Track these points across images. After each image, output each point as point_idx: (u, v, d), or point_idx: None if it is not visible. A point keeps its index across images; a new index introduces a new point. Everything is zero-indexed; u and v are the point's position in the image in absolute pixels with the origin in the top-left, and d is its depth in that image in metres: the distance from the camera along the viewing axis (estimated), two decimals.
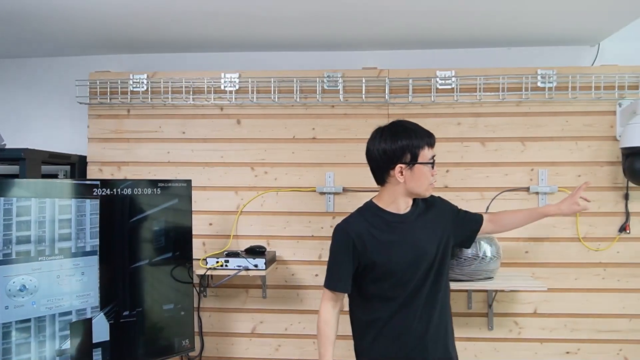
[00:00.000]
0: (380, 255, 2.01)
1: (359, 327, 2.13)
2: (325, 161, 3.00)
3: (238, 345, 3.02)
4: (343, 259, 2.05)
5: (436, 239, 2.07)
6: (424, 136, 2.00)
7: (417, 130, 2.01)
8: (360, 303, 2.11)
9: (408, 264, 2.01)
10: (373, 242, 2.02)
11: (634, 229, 2.87)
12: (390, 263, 2.00)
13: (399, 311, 2.03)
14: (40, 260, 2.20)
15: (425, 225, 2.08)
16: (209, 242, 3.03)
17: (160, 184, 2.59)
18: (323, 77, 2.97)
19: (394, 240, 2.02)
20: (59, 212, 2.25)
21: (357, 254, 2.02)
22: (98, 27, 2.80)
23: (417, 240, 2.04)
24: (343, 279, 2.05)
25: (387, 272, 2.02)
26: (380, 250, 2.01)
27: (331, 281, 2.08)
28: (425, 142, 1.99)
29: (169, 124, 3.08)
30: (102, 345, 2.35)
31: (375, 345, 2.07)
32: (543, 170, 2.90)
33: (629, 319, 2.87)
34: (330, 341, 2.05)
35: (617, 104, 2.87)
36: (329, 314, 2.07)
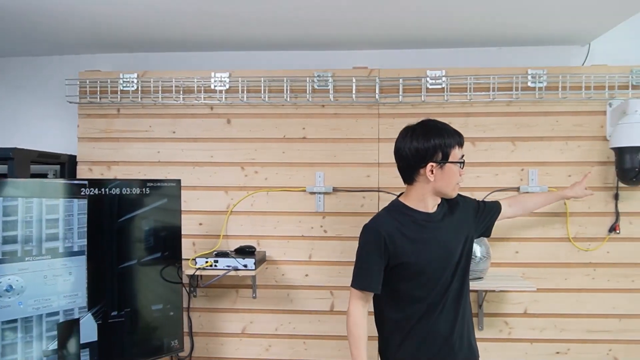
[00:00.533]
0: (411, 254, 2.00)
1: (386, 327, 2.12)
2: (315, 161, 3.00)
3: (228, 345, 3.01)
4: (374, 258, 2.02)
5: (462, 238, 2.10)
6: (455, 135, 2.01)
7: (448, 130, 2.02)
8: (388, 303, 2.10)
9: (438, 262, 2.02)
10: (404, 241, 2.01)
11: (624, 229, 2.87)
12: (420, 262, 2.00)
13: (427, 311, 2.03)
14: (27, 261, 2.19)
15: (451, 225, 2.10)
16: (198, 242, 3.02)
17: (149, 183, 2.58)
18: (313, 77, 2.96)
19: (424, 239, 2.03)
20: (46, 212, 2.25)
21: (387, 252, 2.01)
22: (88, 26, 2.79)
23: (446, 239, 2.06)
24: (374, 278, 2.02)
25: (418, 271, 2.01)
26: (411, 249, 2.01)
27: (362, 280, 2.05)
28: (456, 141, 2.00)
29: (159, 123, 3.07)
30: (90, 345, 2.34)
31: (402, 347, 2.06)
32: (533, 170, 2.90)
33: (618, 319, 2.87)
34: (363, 343, 2.02)
35: (607, 103, 2.87)
36: (359, 315, 2.04)
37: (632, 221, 2.87)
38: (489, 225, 2.34)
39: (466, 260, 2.11)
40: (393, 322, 2.09)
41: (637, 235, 2.87)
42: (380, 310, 2.13)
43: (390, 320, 2.10)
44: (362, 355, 2.00)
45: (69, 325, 2.28)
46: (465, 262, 2.10)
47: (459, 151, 2.00)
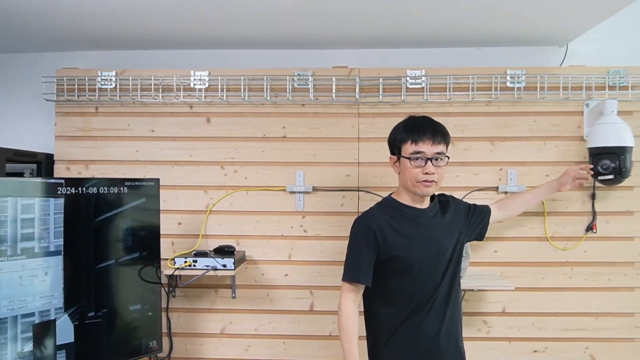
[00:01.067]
0: (401, 248, 2.03)
1: (375, 325, 2.13)
2: (295, 160, 2.99)
3: (207, 345, 2.99)
4: (364, 251, 2.05)
5: (454, 239, 2.12)
6: (413, 132, 2.03)
7: (412, 125, 2.07)
8: (377, 300, 2.11)
9: (427, 259, 2.04)
10: (394, 235, 2.04)
11: (600, 228, 2.90)
12: (410, 257, 2.03)
13: (415, 310, 2.04)
14: (2, 261, 2.14)
15: (443, 224, 2.13)
16: (177, 241, 2.99)
17: (127, 182, 2.55)
18: (293, 76, 2.95)
19: (414, 234, 2.05)
20: (22, 211, 2.21)
21: (377, 246, 2.03)
22: (65, 23, 2.76)
23: (437, 236, 2.08)
24: (364, 271, 2.05)
25: (407, 266, 2.03)
26: (401, 243, 2.03)
27: (352, 273, 2.07)
28: (410, 136, 2.03)
29: (138, 122, 3.04)
30: (67, 347, 2.31)
31: (389, 344, 2.07)
32: (512, 169, 2.92)
33: (595, 317, 2.90)
34: (354, 336, 2.03)
35: (584, 104, 2.90)
36: (350, 309, 2.05)
37: (609, 220, 2.90)
38: (481, 228, 2.36)
39: (457, 261, 2.13)
40: (382, 319, 2.11)
41: (614, 235, 2.90)
42: (370, 307, 2.15)
43: (379, 317, 2.11)
44: (353, 349, 2.01)
45: (44, 326, 2.25)
46: (455, 262, 2.12)
47: (411, 146, 2.02)
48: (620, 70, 2.87)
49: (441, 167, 2.06)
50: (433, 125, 2.07)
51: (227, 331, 2.99)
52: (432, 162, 2.02)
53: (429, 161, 2.01)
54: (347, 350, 2.02)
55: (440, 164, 2.05)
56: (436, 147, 2.03)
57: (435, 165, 2.03)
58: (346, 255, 2.11)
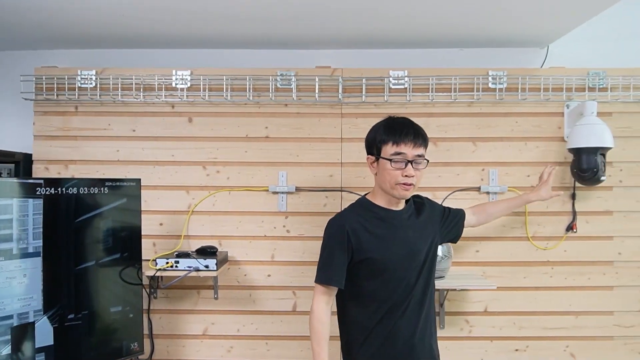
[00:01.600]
0: (375, 250, 2.02)
1: (348, 327, 2.12)
2: (278, 160, 2.98)
3: (189, 347, 2.97)
4: (337, 252, 2.03)
5: (428, 240, 2.12)
6: (394, 133, 2.02)
7: (393, 126, 2.05)
8: (350, 302, 2.10)
9: (401, 261, 2.03)
10: (367, 236, 2.03)
11: (580, 228, 2.93)
12: (384, 258, 2.02)
13: (389, 312, 2.03)
14: None
15: (417, 225, 2.12)
16: (159, 242, 2.96)
17: (108, 183, 2.53)
18: (276, 76, 2.94)
19: (388, 235, 2.04)
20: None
21: (351, 247, 2.02)
22: (44, 21, 2.72)
23: (411, 238, 2.07)
24: (337, 273, 2.03)
25: (381, 268, 2.02)
26: (374, 244, 2.02)
27: (325, 275, 2.05)
28: (392, 138, 2.01)
29: (119, 121, 3.00)
30: (46, 350, 2.28)
31: (364, 347, 2.06)
32: (493, 170, 2.94)
33: (575, 316, 2.94)
34: (325, 340, 2.02)
35: (564, 105, 2.93)
36: (323, 312, 2.04)
37: (589, 220, 2.94)
38: (456, 231, 2.37)
39: (431, 263, 2.13)
40: (355, 321, 2.09)
41: (593, 234, 2.94)
42: (343, 309, 2.14)
43: (353, 319, 2.10)
44: (323, 352, 2.00)
45: (23, 329, 2.22)
46: (430, 264, 2.12)
47: (392, 148, 2.01)
48: (599, 72, 2.91)
49: (420, 170, 2.04)
50: (414, 128, 2.06)
51: (209, 332, 2.97)
52: (412, 164, 2.00)
53: (409, 163, 2.00)
54: (317, 353, 2.01)
55: (419, 167, 2.03)
56: (417, 149, 2.01)
57: (415, 167, 2.01)
58: (319, 257, 2.09)
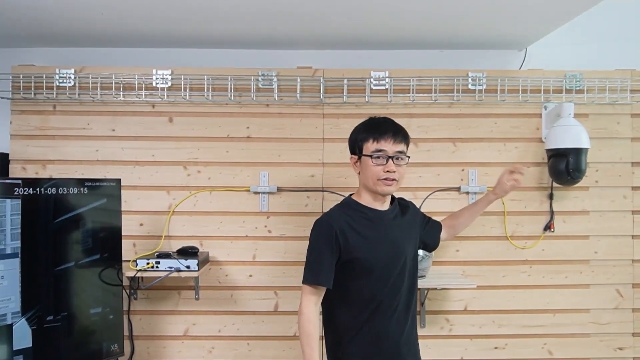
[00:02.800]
0: (362, 250, 2.02)
1: (335, 328, 2.11)
2: (259, 160, 2.97)
3: (170, 348, 2.95)
4: (325, 252, 2.03)
5: (412, 241, 2.16)
6: (374, 131, 2.05)
7: (373, 125, 2.09)
8: (337, 303, 2.09)
9: (388, 260, 2.04)
10: (355, 236, 2.03)
11: (558, 227, 2.98)
12: (371, 258, 2.02)
13: (377, 312, 2.04)
14: None
15: (402, 226, 2.14)
16: (139, 243, 2.94)
17: (88, 183, 2.50)
18: (258, 76, 2.93)
19: (375, 235, 2.05)
20: None
21: (339, 247, 2.02)
22: (21, 18, 2.66)
23: (396, 238, 2.09)
24: (326, 273, 2.02)
25: (368, 268, 2.03)
26: (362, 244, 2.03)
27: (314, 276, 2.04)
28: (372, 135, 2.05)
29: (98, 121, 2.97)
30: (24, 352, 2.25)
31: (350, 346, 2.06)
32: (473, 170, 2.98)
33: (552, 314, 2.99)
34: (315, 340, 2.00)
35: (542, 106, 2.98)
36: (312, 312, 2.02)
37: (566, 220, 2.99)
38: (432, 242, 2.40)
39: (413, 263, 2.15)
40: (342, 321, 2.09)
41: (570, 233, 2.99)
42: (330, 309, 2.13)
43: (339, 319, 2.10)
44: (314, 352, 1.98)
45: (1, 331, 2.18)
46: (412, 264, 2.15)
47: (372, 145, 2.03)
48: (576, 74, 2.96)
49: (402, 167, 2.07)
50: (394, 125, 2.10)
51: (190, 333, 2.95)
52: (393, 160, 2.03)
53: (390, 159, 2.02)
54: (309, 354, 1.98)
55: (401, 163, 2.06)
56: (397, 145, 2.04)
57: (396, 164, 2.03)
58: (307, 257, 2.08)
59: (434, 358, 2.95)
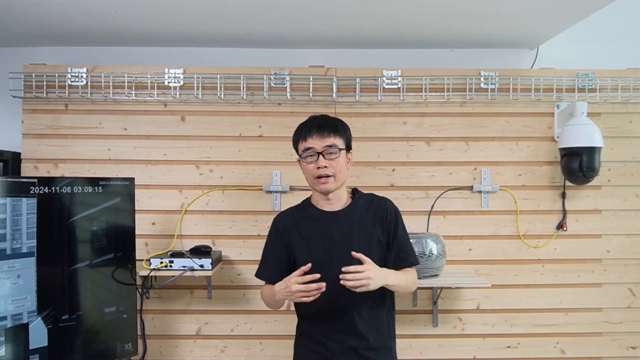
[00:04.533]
0: (300, 251, 2.02)
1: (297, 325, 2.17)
2: (272, 159, 2.97)
3: (182, 347, 2.94)
4: (271, 250, 2.10)
5: (364, 238, 2.00)
6: (301, 131, 2.02)
7: (301, 125, 2.05)
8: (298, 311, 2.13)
9: (327, 262, 1.91)
10: (296, 237, 2.04)
11: (570, 226, 2.98)
12: (306, 259, 1.93)
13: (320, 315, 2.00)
14: None
15: (353, 228, 2.01)
16: (151, 242, 2.94)
17: (102, 182, 2.49)
18: (270, 75, 2.94)
19: (314, 236, 2.02)
20: None
21: (284, 247, 2.05)
22: (33, 17, 2.67)
23: (341, 240, 1.98)
24: (270, 269, 2.07)
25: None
26: (301, 245, 2.03)
27: (259, 270, 2.12)
28: (300, 135, 2.02)
29: (110, 120, 2.97)
30: (40, 351, 2.23)
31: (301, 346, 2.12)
32: (485, 169, 2.97)
33: (565, 313, 2.98)
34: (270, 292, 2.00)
35: (555, 105, 2.98)
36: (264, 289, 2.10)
37: (578, 219, 2.99)
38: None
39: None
40: (299, 313, 2.13)
41: (583, 233, 2.99)
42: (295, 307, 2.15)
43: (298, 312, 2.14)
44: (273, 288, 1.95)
45: (17, 330, 2.17)
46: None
47: (302, 144, 2.01)
48: (589, 72, 2.96)
49: (336, 160, 1.96)
50: (320, 120, 2.02)
51: (202, 332, 2.95)
52: (323, 155, 1.95)
53: (320, 155, 1.95)
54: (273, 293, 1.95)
55: (332, 157, 1.95)
56: (325, 140, 1.96)
57: (328, 158, 1.95)
58: None
59: (447, 357, 2.95)
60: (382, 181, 2.96)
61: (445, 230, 2.92)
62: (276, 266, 2.05)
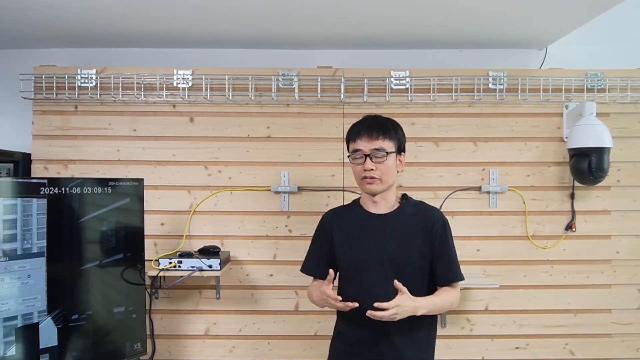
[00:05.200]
0: (342, 249, 2.05)
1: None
2: (280, 160, 2.98)
3: (191, 347, 2.95)
4: (315, 245, 2.18)
5: (408, 244, 2.00)
6: (352, 132, 2.05)
7: (353, 126, 2.07)
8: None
9: (369, 264, 1.98)
10: (340, 235, 2.08)
11: (579, 227, 2.97)
12: (349, 258, 2.03)
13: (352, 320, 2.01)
14: None
15: (397, 232, 2.02)
16: (160, 242, 2.95)
17: (111, 182, 2.51)
18: (278, 76, 2.94)
19: (358, 236, 2.04)
20: (3, 212, 2.15)
21: (328, 242, 2.10)
22: (43, 19, 2.69)
23: (384, 242, 2.00)
24: (316, 264, 2.14)
25: (347, 268, 2.05)
26: (342, 243, 2.06)
27: (303, 265, 2.20)
28: (351, 136, 2.06)
29: (119, 121, 2.99)
30: (50, 350, 2.25)
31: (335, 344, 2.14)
32: (494, 170, 2.97)
33: (574, 314, 2.97)
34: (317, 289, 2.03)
35: (563, 106, 2.97)
36: (312, 286, 2.15)
37: (587, 219, 2.98)
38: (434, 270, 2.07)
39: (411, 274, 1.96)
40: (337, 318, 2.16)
41: (592, 233, 2.98)
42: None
43: (337, 316, 2.17)
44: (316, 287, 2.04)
45: (27, 329, 2.19)
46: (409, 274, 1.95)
47: (351, 145, 2.04)
48: (597, 73, 2.95)
49: (383, 164, 1.97)
50: (371, 122, 2.03)
51: (211, 332, 2.96)
52: (371, 158, 1.97)
53: (367, 157, 1.97)
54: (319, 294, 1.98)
55: (380, 160, 1.97)
56: (373, 143, 1.97)
57: (375, 161, 1.96)
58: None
59: (455, 358, 2.95)
60: None
61: (454, 231, 2.85)
62: (319, 261, 2.13)
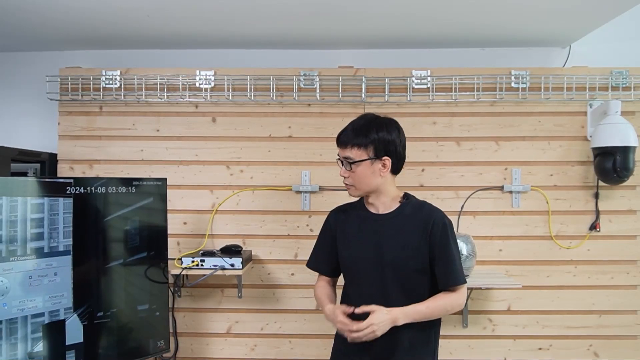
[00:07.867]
0: (342, 245, 2.06)
1: None
2: (301, 160, 2.99)
3: (213, 345, 2.98)
4: (322, 240, 2.18)
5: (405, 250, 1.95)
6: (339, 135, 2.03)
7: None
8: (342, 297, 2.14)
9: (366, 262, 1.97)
10: (342, 232, 2.08)
11: (603, 227, 2.93)
12: (348, 256, 2.04)
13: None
14: (12, 261, 2.13)
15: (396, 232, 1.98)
16: (183, 241, 2.99)
17: (135, 182, 2.54)
18: (299, 76, 2.96)
19: (358, 234, 2.04)
20: (30, 211, 2.19)
21: (333, 239, 2.10)
22: (69, 21, 2.74)
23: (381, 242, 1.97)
24: (322, 260, 2.15)
25: (347, 265, 2.06)
26: (343, 240, 2.07)
27: (311, 260, 2.21)
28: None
29: (143, 121, 3.03)
30: (76, 347, 2.29)
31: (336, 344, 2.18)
32: (516, 169, 2.94)
33: (598, 315, 2.94)
34: (325, 296, 2.07)
35: (587, 104, 2.93)
36: (318, 287, 2.15)
37: (612, 219, 2.94)
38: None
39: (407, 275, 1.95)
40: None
41: (617, 233, 2.94)
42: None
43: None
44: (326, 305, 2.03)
45: (54, 326, 2.23)
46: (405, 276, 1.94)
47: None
48: (622, 71, 2.91)
49: (355, 172, 1.94)
50: (348, 127, 2.00)
51: (233, 331, 2.98)
52: (344, 165, 1.99)
53: (343, 164, 2.00)
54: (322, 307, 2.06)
55: (348, 168, 1.96)
56: (342, 151, 1.98)
57: (346, 169, 1.97)
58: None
59: (477, 358, 2.93)
60: (411, 181, 2.95)
61: (475, 231, 2.90)
62: (323, 257, 2.15)
